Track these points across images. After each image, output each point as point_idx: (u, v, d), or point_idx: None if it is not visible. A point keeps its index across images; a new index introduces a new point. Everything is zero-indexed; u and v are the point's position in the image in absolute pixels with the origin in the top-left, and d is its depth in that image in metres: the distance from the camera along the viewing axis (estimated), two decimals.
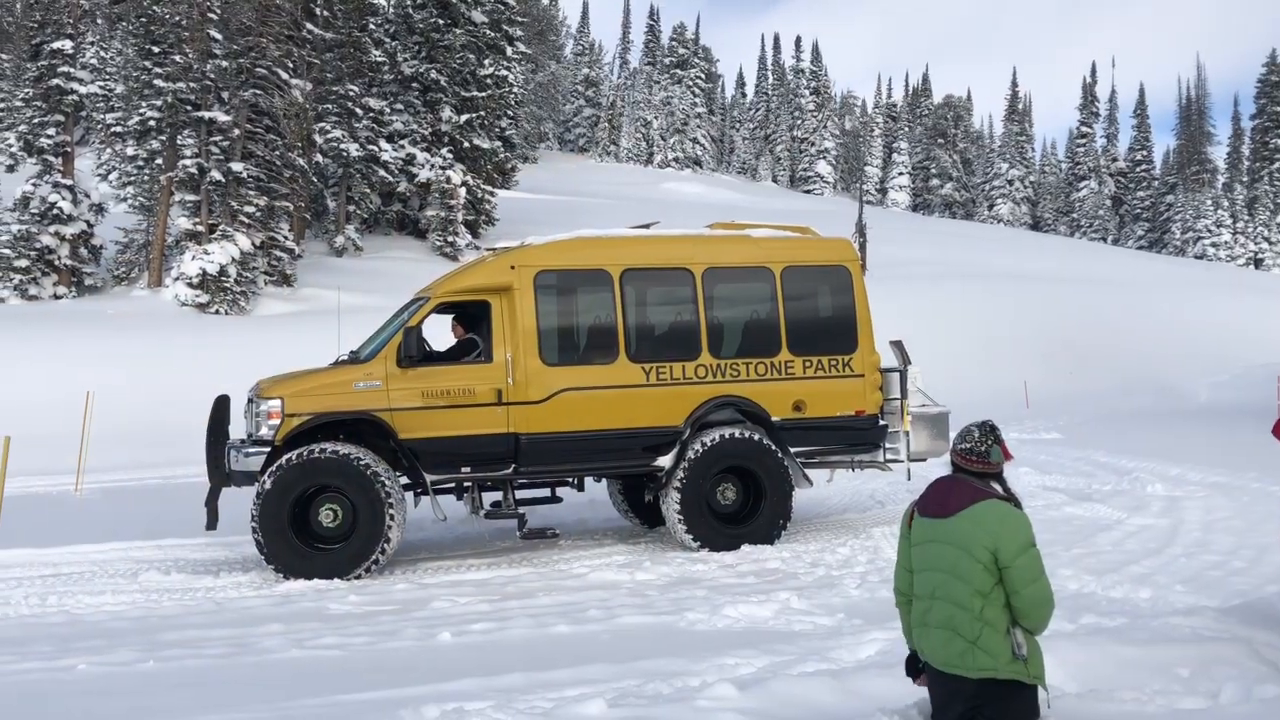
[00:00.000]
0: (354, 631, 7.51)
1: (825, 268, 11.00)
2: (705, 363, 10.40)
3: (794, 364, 10.60)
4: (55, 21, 37.37)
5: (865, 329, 10.92)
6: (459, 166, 42.56)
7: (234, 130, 34.11)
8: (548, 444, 9.99)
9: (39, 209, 34.41)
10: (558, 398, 10.00)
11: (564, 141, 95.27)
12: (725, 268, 10.73)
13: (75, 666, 6.75)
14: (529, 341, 10.00)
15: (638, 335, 10.42)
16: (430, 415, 9.83)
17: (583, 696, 5.47)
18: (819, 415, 10.59)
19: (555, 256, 10.47)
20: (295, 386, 9.89)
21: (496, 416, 9.94)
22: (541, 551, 10.54)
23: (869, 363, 10.84)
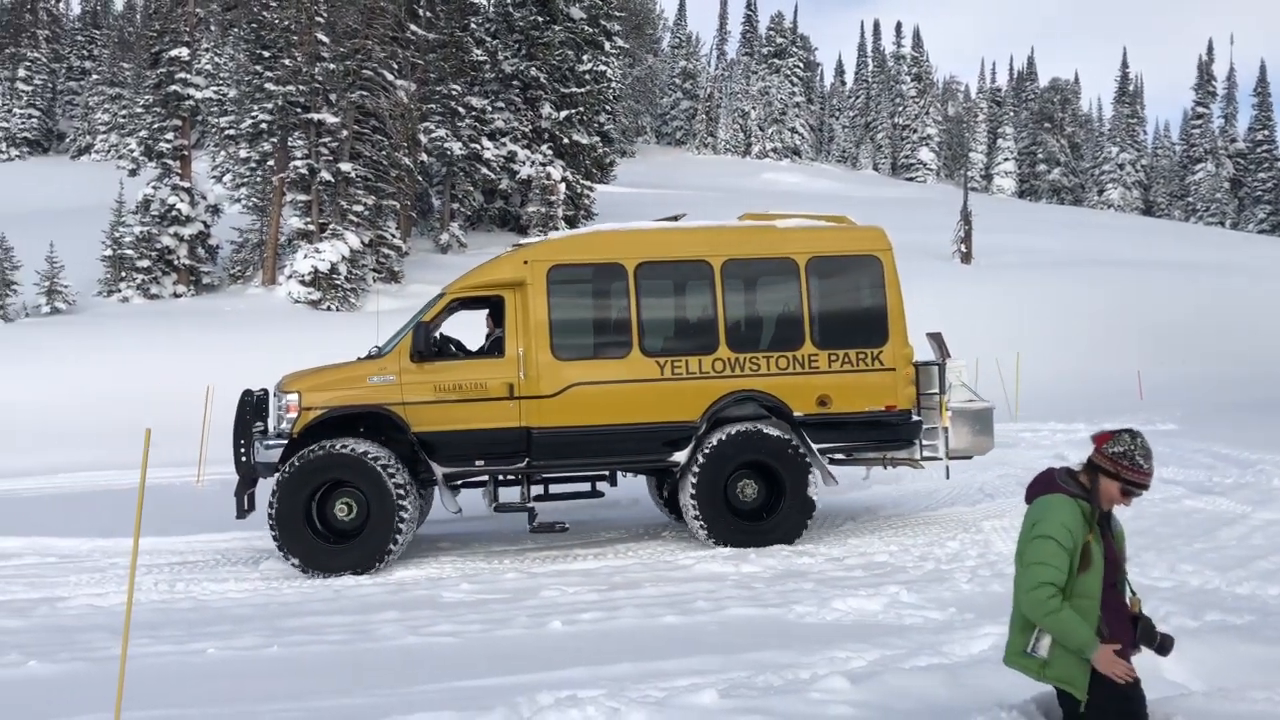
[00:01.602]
0: (467, 619, 7.68)
1: (854, 257, 10.63)
2: (723, 356, 10.19)
3: (819, 357, 10.28)
4: (173, 30, 38.76)
5: (897, 321, 10.48)
6: (558, 162, 42.94)
7: (342, 131, 34.98)
8: (559, 438, 9.99)
9: (159, 211, 35.82)
10: (569, 392, 9.99)
11: (661, 134, 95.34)
12: (747, 259, 10.50)
13: (205, 650, 7.05)
14: (540, 336, 10.02)
15: (652, 329, 10.29)
16: (443, 409, 9.94)
17: (694, 687, 5.51)
18: (846, 410, 10.27)
19: (569, 251, 10.50)
20: (313, 381, 10.14)
21: (508, 411, 10.00)
22: (646, 543, 10.63)
23: (901, 356, 10.42)
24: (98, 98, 79.30)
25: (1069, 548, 4.11)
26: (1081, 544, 4.14)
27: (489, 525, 12.15)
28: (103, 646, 7.32)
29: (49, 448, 20.93)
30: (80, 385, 23.07)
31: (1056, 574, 4.08)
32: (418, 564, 9.92)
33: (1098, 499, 4.21)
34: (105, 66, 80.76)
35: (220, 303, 34.04)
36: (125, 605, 8.71)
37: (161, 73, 38.04)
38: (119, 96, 73.68)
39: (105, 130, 76.17)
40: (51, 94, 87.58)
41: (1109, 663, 4.08)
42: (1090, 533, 4.16)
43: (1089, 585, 4.17)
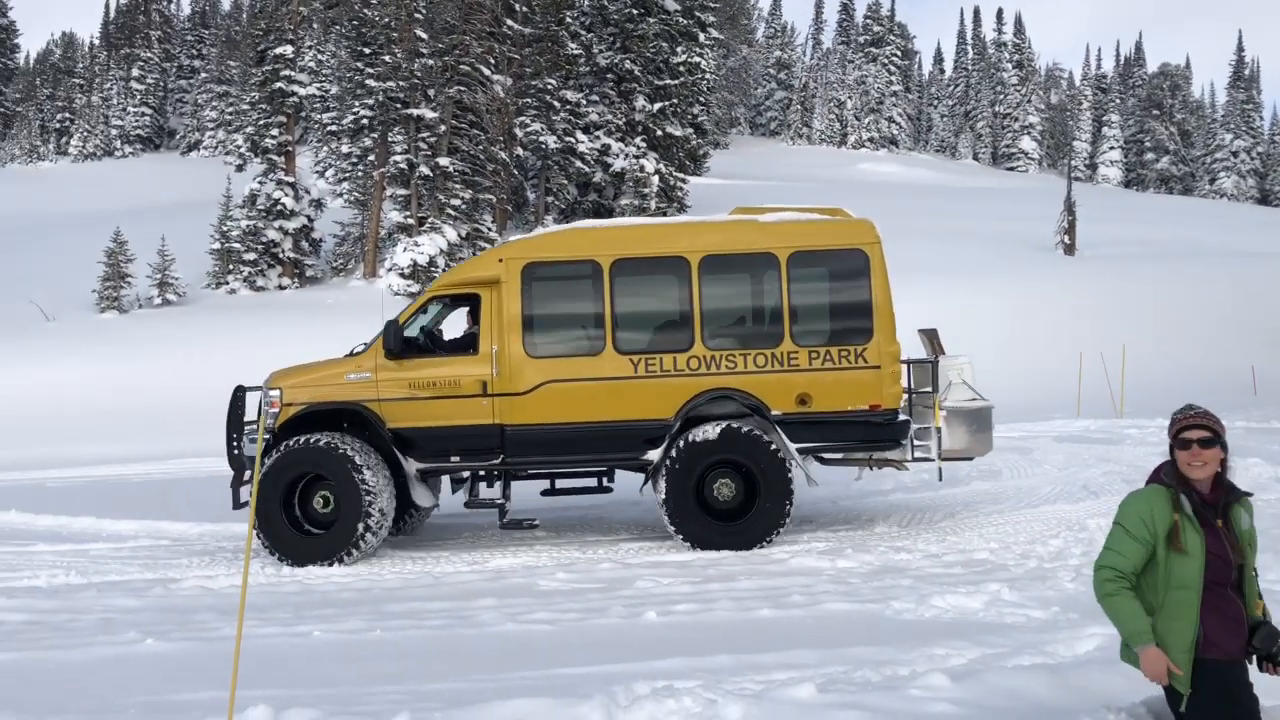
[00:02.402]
0: (563, 608, 7.76)
1: (839, 251, 10.22)
2: (699, 354, 10.03)
3: (798, 355, 10.01)
4: (277, 28, 39.83)
5: (884, 317, 10.06)
6: (652, 155, 43.01)
7: (440, 126, 35.55)
8: (532, 435, 10.01)
9: (264, 205, 36.87)
10: (542, 389, 10.01)
11: (755, 125, 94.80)
12: (725, 255, 10.26)
13: (311, 633, 7.25)
14: (514, 333, 10.06)
15: (626, 326, 10.18)
16: (417, 406, 10.07)
17: (791, 680, 5.49)
18: (827, 409, 9.97)
19: (544, 249, 10.44)
20: (295, 378, 10.38)
21: (482, 408, 10.06)
22: None
23: (887, 353, 10.03)
24: (206, 95, 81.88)
25: (1139, 536, 4.17)
26: (1167, 529, 4.14)
27: (583, 515, 12.26)
28: (214, 627, 7.58)
29: (161, 434, 21.75)
30: (191, 374, 23.90)
31: (1120, 559, 4.19)
32: (514, 553, 10.05)
33: (1182, 478, 4.24)
34: (213, 65, 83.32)
35: (323, 295, 34.92)
36: (233, 588, 9.06)
37: (267, 70, 39.12)
38: (226, 94, 75.96)
39: (213, 127, 78.62)
40: (163, 92, 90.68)
41: (1151, 662, 4.07)
42: (1177, 514, 4.15)
43: (1185, 575, 4.12)
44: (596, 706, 5.12)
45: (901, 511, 11.53)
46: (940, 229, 42.49)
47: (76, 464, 19.58)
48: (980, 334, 27.79)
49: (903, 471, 11.06)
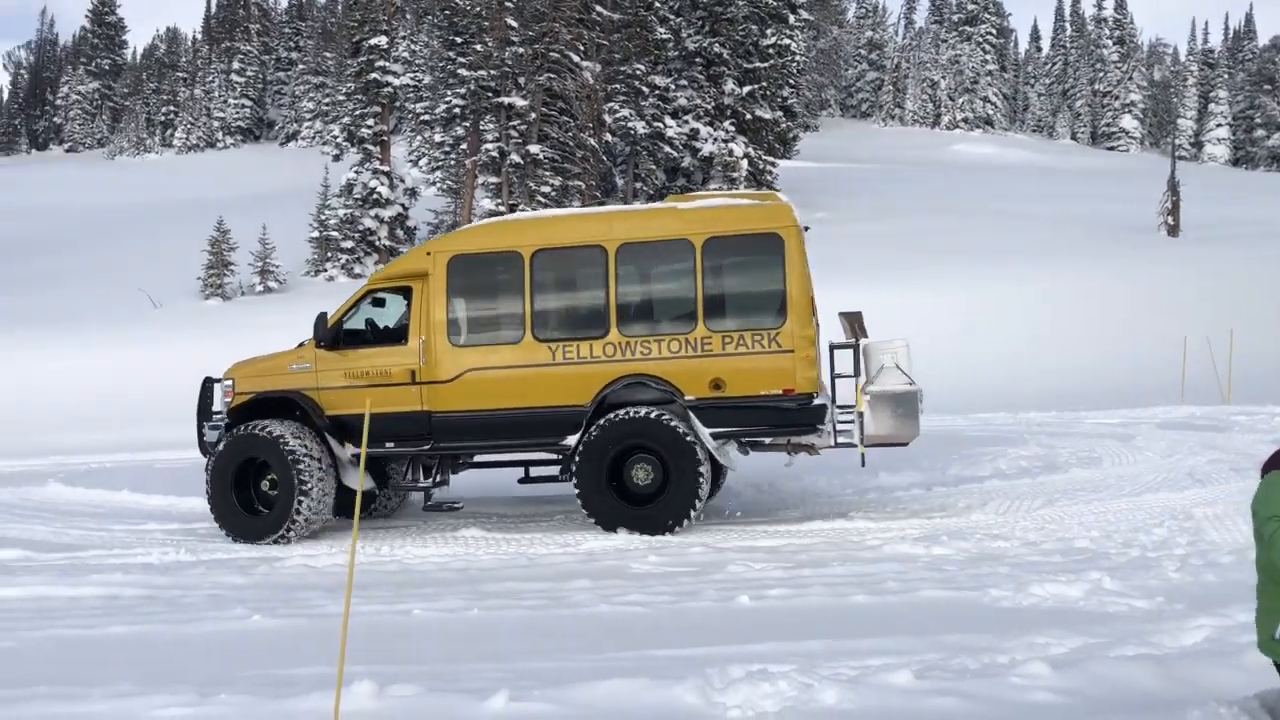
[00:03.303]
0: (656, 590, 7.80)
1: (753, 236, 10.18)
2: (614, 340, 10.16)
3: (711, 340, 10.03)
4: (372, 19, 40.52)
5: (798, 300, 9.97)
6: (741, 139, 42.76)
7: (530, 114, 35.85)
8: (457, 422, 10.34)
9: (361, 194, 37.63)
10: (465, 377, 10.32)
11: (846, 107, 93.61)
12: (642, 242, 10.37)
13: (411, 610, 7.43)
14: (439, 323, 10.42)
15: (544, 314, 10.41)
16: (352, 394, 10.53)
17: (887, 666, 5.46)
18: (741, 394, 9.96)
19: (469, 241, 10.85)
20: (246, 369, 11.15)
21: (411, 395, 10.44)
22: (833, 521, 10.53)
23: (801, 337, 9.93)
24: (303, 87, 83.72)
25: None
26: None
27: None
28: (317, 604, 7.81)
29: None
30: None
31: None
32: (606, 536, 10.13)
33: None
34: (310, 57, 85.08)
35: None
36: (335, 566, 9.32)
37: (362, 61, 39.85)
38: (323, 85, 77.52)
39: (310, 118, 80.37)
40: (262, 85, 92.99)
41: None
42: None
43: None
44: (692, 688, 5.15)
45: (998, 499, 11.33)
46: (1036, 211, 41.51)
47: (183, 446, 20.24)
48: (1076, 318, 27.12)
49: (814, 456, 11.00)
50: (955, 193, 47.09)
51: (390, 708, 5.13)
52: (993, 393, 22.19)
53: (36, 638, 7.09)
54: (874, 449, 10.57)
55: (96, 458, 18.89)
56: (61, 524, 12.25)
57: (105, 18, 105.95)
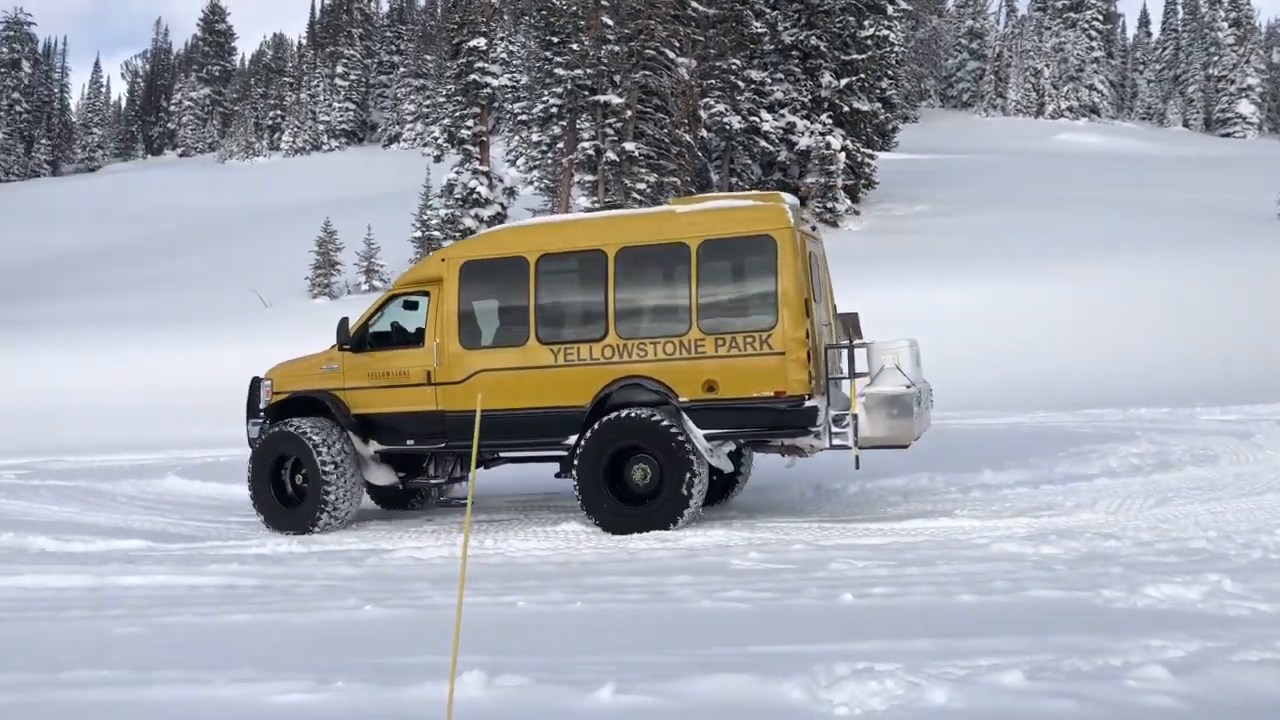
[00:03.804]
0: (758, 587, 7.80)
1: (747, 239, 10.17)
2: (612, 343, 10.33)
3: (705, 342, 10.09)
4: (471, 22, 41.14)
5: (790, 302, 9.87)
6: (838, 131, 42.30)
7: (626, 111, 36.01)
8: (467, 420, 10.49)
9: (461, 194, 38.26)
10: (475, 378, 10.69)
11: (946, 98, 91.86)
12: (640, 246, 10.53)
13: (515, 603, 7.55)
14: (451, 326, 10.86)
15: (547, 318, 10.69)
16: (375, 394, 11.18)
17: (996, 667, 5.37)
18: (733, 396, 10.00)
19: (480, 248, 11.29)
20: (283, 369, 11.91)
21: (427, 395, 10.95)
22: (937, 520, 10.38)
23: (792, 339, 9.85)
24: (405, 89, 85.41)
25: None
26: None
27: (775, 499, 12.27)
28: (426, 595, 8.00)
29: None
30: None
31: None
32: (706, 532, 10.14)
33: None
34: (411, 60, 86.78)
35: None
36: (441, 558, 9.52)
37: (461, 63, 40.51)
38: (423, 87, 78.99)
39: (412, 119, 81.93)
40: (365, 88, 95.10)
41: None
42: None
43: None
44: (798, 685, 5.15)
45: (1108, 497, 11.04)
46: (1146, 200, 40.23)
47: None
48: (1190, 312, 26.21)
49: (805, 458, 11.03)
50: (1060, 183, 45.89)
51: (499, 697, 5.24)
52: (1100, 388, 21.61)
53: (163, 624, 7.41)
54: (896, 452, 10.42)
55: (211, 452, 19.60)
56: (180, 515, 12.76)
57: (215, 26, 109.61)
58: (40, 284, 43.87)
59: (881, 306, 27.81)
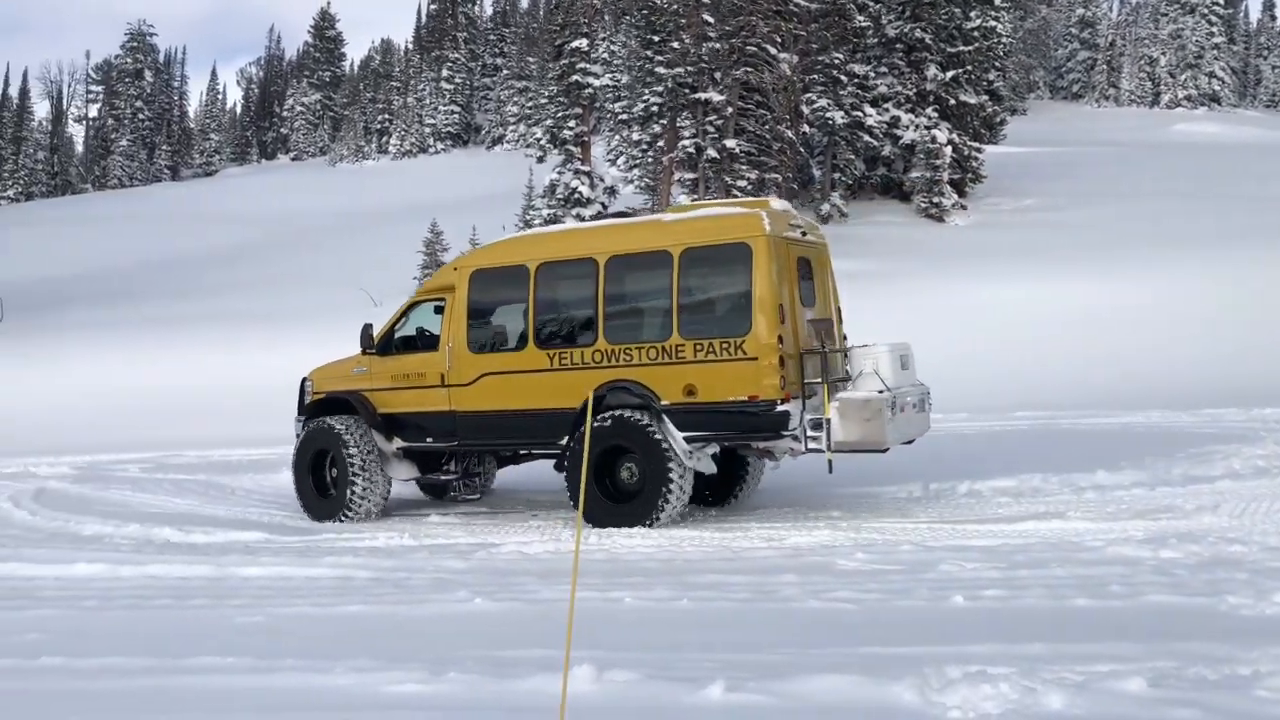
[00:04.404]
0: (866, 588, 7.72)
1: (724, 246, 10.42)
2: (601, 348, 10.75)
3: (685, 348, 10.39)
4: (573, 23, 41.49)
5: (764, 309, 10.08)
6: (944, 125, 41.54)
7: (727, 109, 35.91)
8: (476, 420, 11.44)
9: (563, 194, 38.63)
10: (481, 380, 11.35)
11: (1056, 89, 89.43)
12: (628, 254, 10.91)
13: (622, 599, 7.61)
14: (460, 331, 11.53)
15: (544, 323, 11.22)
16: (397, 394, 12.01)
17: (1115, 673, 5.23)
18: (711, 400, 10.29)
19: (488, 257, 11.95)
20: (322, 371, 12.87)
21: (441, 396, 11.65)
22: (1049, 521, 10.13)
23: (765, 345, 10.05)
24: (508, 91, 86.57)
25: None
26: None
27: (880, 498, 12.12)
28: (533, 589, 8.12)
29: None
30: None
31: None
32: (810, 531, 10.08)
33: None
34: (514, 62, 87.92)
35: None
36: (547, 554, 9.64)
37: (564, 64, 40.90)
38: (526, 89, 79.91)
39: (514, 121, 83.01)
40: (469, 91, 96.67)
41: None
42: None
43: None
44: (909, 686, 5.09)
45: (1232, 500, 10.62)
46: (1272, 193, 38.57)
47: None
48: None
49: (773, 463, 11.45)
50: (1176, 175, 44.29)
51: (609, 692, 5.29)
52: (1220, 388, 20.79)
53: (282, 614, 7.66)
54: None
55: None
56: (295, 509, 13.15)
57: (325, 32, 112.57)
58: (162, 284, 45.69)
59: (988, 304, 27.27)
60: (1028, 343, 24.50)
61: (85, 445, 21.18)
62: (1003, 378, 22.55)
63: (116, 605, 8.31)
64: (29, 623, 7.70)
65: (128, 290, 44.52)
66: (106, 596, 8.61)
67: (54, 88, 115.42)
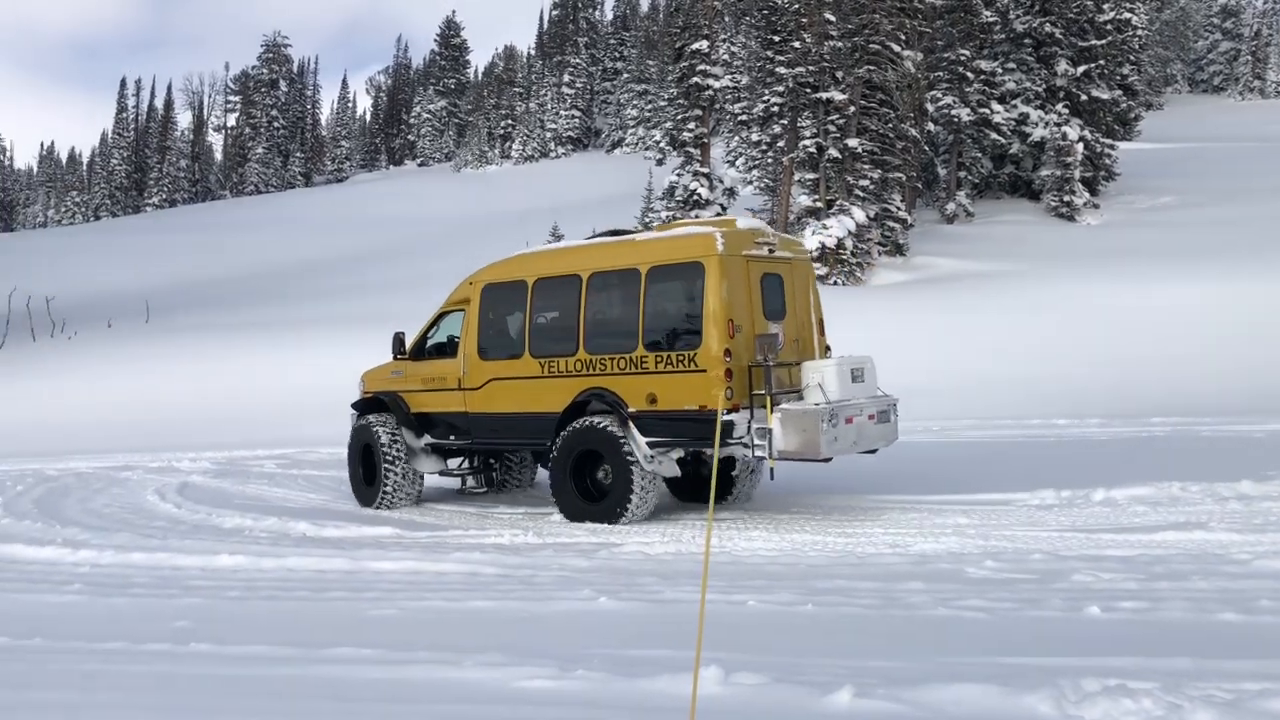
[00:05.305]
0: (996, 596, 7.53)
1: (682, 265, 11.07)
2: (581, 358, 11.59)
3: (648, 359, 11.11)
4: (693, 25, 41.53)
5: (713, 325, 10.71)
6: (1075, 121, 40.31)
7: (849, 108, 35.48)
8: (484, 420, 12.59)
9: (682, 196, 38.70)
10: (488, 385, 12.46)
11: (1195, 82, 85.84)
12: (605, 271, 11.68)
13: (746, 602, 7.58)
14: (472, 340, 12.63)
15: (537, 334, 12.09)
16: (425, 395, 13.25)
17: (1267, 692, 4.99)
18: (669, 408, 10.96)
19: (497, 272, 12.79)
20: (370, 373, 14.18)
21: (458, 398, 12.80)
22: (1191, 532, 9.72)
23: (714, 358, 10.67)
24: (627, 95, 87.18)
25: None
26: None
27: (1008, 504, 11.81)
28: (656, 590, 8.15)
29: None
30: None
31: None
32: (937, 538, 9.88)
33: None
34: (634, 65, 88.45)
35: None
36: (669, 554, 9.67)
37: (684, 66, 40.96)
38: (645, 92, 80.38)
39: (634, 124, 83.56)
40: (590, 95, 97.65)
41: None
42: None
43: None
44: (1045, 699, 4.95)
45: None
46: None
47: None
48: None
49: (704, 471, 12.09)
50: None
51: (737, 694, 5.28)
52: None
53: (414, 607, 7.87)
54: None
55: None
56: (421, 505, 13.49)
57: (451, 40, 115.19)
58: (297, 287, 47.36)
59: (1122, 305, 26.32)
60: (1166, 346, 23.59)
61: (224, 442, 22.12)
62: (1139, 382, 21.76)
63: (258, 595, 8.67)
64: (179, 610, 8.10)
65: (265, 292, 46.31)
66: (249, 587, 8.99)
67: (195, 99, 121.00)
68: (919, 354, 23.85)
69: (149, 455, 20.60)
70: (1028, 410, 19.86)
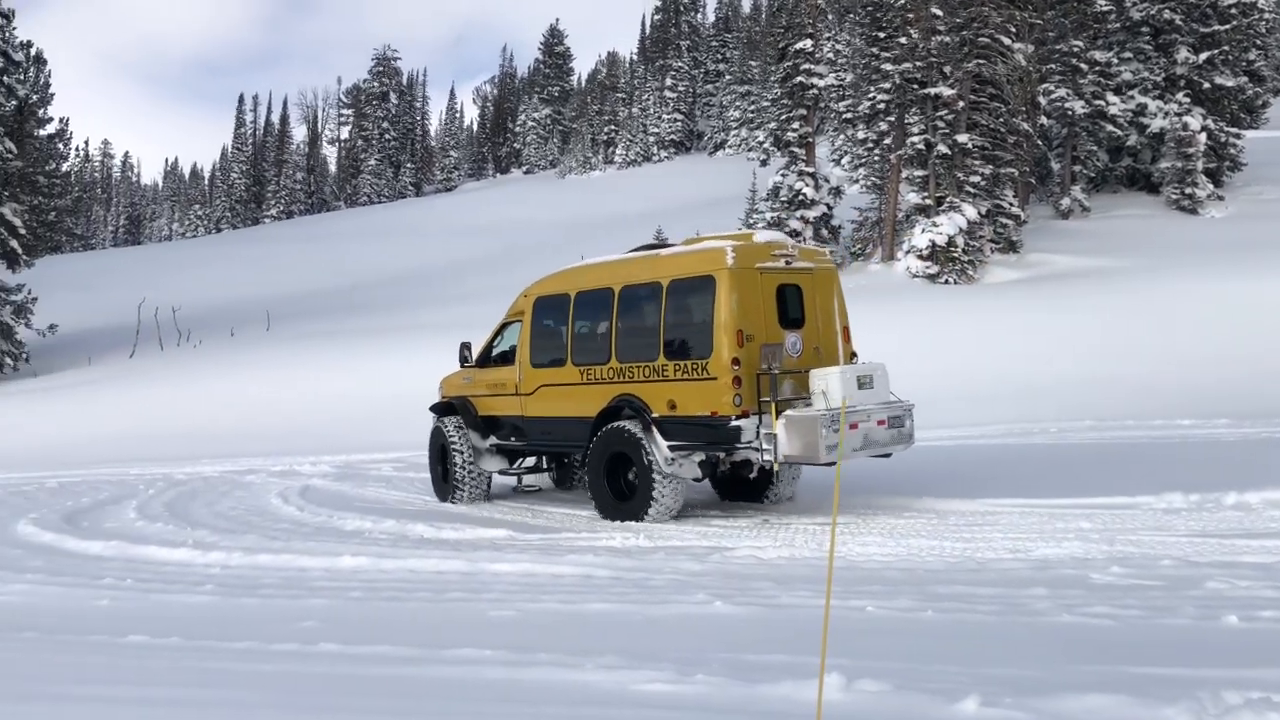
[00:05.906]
0: (1124, 604, 7.30)
1: (697, 278, 11.65)
2: (614, 366, 12.35)
3: (668, 368, 11.78)
4: (797, 24, 41.24)
5: (723, 334, 11.27)
6: (1197, 111, 38.83)
7: (958, 103, 34.80)
8: (536, 424, 13.52)
9: (787, 196, 38.44)
10: (539, 391, 13.36)
11: None
12: (634, 285, 12.34)
13: (864, 608, 7.48)
14: (525, 349, 13.58)
15: (578, 344, 12.96)
16: (489, 400, 14.26)
17: None
18: (686, 414, 11.57)
19: (548, 286, 13.64)
20: (447, 379, 15.25)
21: (516, 403, 13.73)
22: None
23: (723, 366, 11.24)
24: (730, 96, 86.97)
25: None
26: None
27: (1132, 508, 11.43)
28: (771, 594, 8.10)
29: None
30: None
31: None
32: (1059, 543, 9.62)
33: None
34: (736, 67, 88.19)
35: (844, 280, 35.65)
36: (781, 559, 9.60)
37: (788, 66, 40.69)
38: (748, 93, 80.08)
39: (737, 126, 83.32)
40: (692, 98, 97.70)
41: None
42: None
43: None
44: (1183, 711, 4.78)
45: None
46: None
47: None
48: None
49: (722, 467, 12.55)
50: None
51: (859, 701, 5.22)
52: None
53: (531, 609, 7.98)
54: None
55: None
56: (534, 509, 13.67)
57: (555, 48, 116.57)
58: (410, 293, 48.44)
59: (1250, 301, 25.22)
60: None
61: (343, 445, 22.74)
62: (1271, 380, 20.84)
63: (380, 596, 8.89)
64: (305, 611, 8.35)
65: (378, 299, 47.47)
66: (371, 588, 9.23)
67: (310, 113, 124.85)
68: (1036, 352, 23.26)
69: (271, 459, 21.30)
70: (1149, 410, 19.19)
